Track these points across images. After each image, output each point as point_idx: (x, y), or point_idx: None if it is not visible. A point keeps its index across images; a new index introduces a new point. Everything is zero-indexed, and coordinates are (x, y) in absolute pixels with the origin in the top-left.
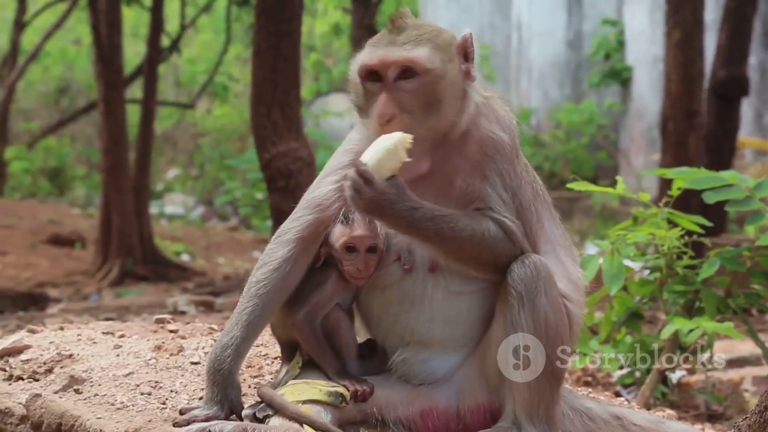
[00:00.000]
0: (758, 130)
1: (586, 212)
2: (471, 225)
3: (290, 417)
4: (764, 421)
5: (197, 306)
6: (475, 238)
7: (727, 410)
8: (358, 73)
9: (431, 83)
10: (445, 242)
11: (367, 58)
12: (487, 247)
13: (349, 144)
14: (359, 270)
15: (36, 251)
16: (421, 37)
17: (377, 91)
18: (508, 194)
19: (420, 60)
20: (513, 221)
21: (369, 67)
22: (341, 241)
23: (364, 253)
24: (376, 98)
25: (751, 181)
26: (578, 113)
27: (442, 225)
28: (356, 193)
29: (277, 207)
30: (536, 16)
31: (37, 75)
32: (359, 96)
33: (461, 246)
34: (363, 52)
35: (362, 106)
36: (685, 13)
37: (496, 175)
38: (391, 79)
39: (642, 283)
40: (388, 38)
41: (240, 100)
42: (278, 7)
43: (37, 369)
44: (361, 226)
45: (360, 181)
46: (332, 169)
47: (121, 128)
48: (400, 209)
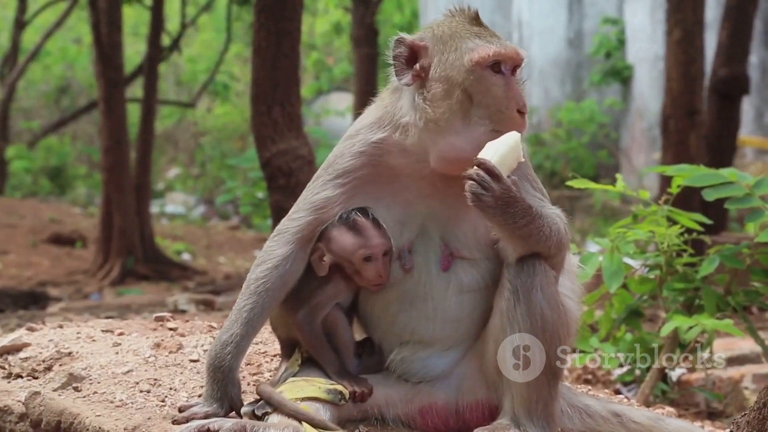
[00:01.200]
0: (759, 129)
1: (587, 211)
2: (553, 222)
3: (289, 414)
4: (763, 417)
5: (198, 305)
6: (557, 234)
7: (727, 408)
8: (486, 60)
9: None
10: (540, 241)
11: (501, 48)
12: (559, 242)
13: (363, 147)
14: (380, 276)
15: (37, 250)
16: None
17: (499, 82)
18: (540, 194)
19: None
20: (561, 212)
21: (504, 57)
22: (359, 253)
23: (381, 259)
24: (495, 89)
25: (751, 179)
26: (579, 112)
27: (545, 221)
28: (484, 192)
29: (277, 205)
30: (537, 15)
31: (38, 74)
32: (475, 85)
33: (547, 243)
34: (482, 43)
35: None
36: (686, 12)
37: (525, 180)
38: (512, 74)
39: (642, 280)
40: (491, 33)
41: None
42: (278, 5)
43: (37, 367)
44: (374, 234)
45: (488, 179)
46: (341, 172)
47: (122, 127)
48: (524, 207)
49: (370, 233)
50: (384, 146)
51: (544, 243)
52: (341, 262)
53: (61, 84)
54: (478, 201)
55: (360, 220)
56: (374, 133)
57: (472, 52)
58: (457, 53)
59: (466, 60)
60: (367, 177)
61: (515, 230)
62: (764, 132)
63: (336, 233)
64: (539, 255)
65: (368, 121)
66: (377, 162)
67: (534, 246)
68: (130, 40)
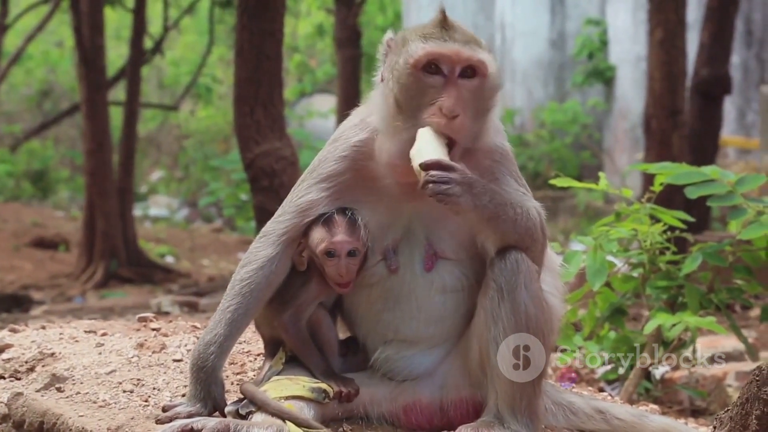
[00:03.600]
0: (741, 129)
1: (570, 212)
2: (524, 205)
3: (273, 413)
4: (746, 413)
5: (181, 306)
6: (524, 216)
7: (711, 405)
8: (420, 62)
9: (489, 88)
10: (508, 220)
11: (437, 48)
12: (529, 228)
13: (345, 150)
14: (341, 275)
15: (20, 254)
16: (476, 40)
17: (436, 84)
18: (523, 189)
19: (488, 63)
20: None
21: (438, 57)
22: (321, 247)
23: (344, 257)
24: (431, 92)
25: (733, 176)
26: (562, 113)
27: (508, 201)
28: (446, 185)
29: (260, 206)
30: (519, 16)
31: (20, 78)
32: (407, 89)
33: (517, 226)
34: (423, 43)
35: (407, 100)
36: (668, 12)
37: (508, 176)
38: (456, 75)
39: (625, 279)
40: (447, 33)
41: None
42: (260, 7)
43: (19, 368)
44: (342, 231)
45: (443, 173)
46: (326, 175)
47: (105, 130)
48: (484, 185)
49: (337, 229)
50: (365, 149)
51: (513, 224)
52: (312, 257)
53: (44, 87)
54: (446, 196)
55: (335, 216)
56: (356, 135)
57: (408, 54)
58: (400, 56)
59: (403, 62)
60: (350, 180)
61: (486, 210)
62: (746, 132)
63: (312, 226)
64: (518, 248)
65: (351, 123)
66: (360, 166)
67: (505, 227)
68: (112, 43)
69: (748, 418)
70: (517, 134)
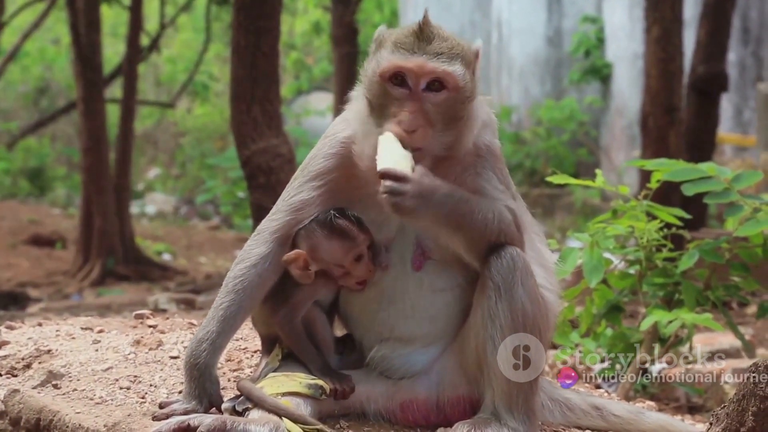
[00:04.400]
0: (738, 126)
1: (567, 209)
2: (490, 206)
3: (269, 410)
4: (742, 409)
5: (178, 304)
6: (495, 219)
7: (707, 402)
8: (386, 73)
9: (458, 101)
10: (474, 226)
11: (402, 60)
12: (502, 230)
13: (333, 147)
14: (370, 270)
15: (16, 252)
16: (453, 50)
17: (400, 96)
18: (503, 187)
19: (455, 76)
20: (516, 207)
21: (402, 70)
22: (350, 256)
23: (366, 255)
24: (396, 103)
25: (729, 173)
26: (559, 110)
27: (473, 206)
28: (400, 198)
29: (257, 204)
30: (516, 14)
31: (16, 75)
32: (378, 95)
33: (486, 230)
34: (389, 53)
35: (376, 105)
36: (664, 10)
37: (491, 171)
38: (421, 88)
39: (622, 275)
40: (418, 45)
41: (220, 99)
42: (257, 4)
43: (16, 365)
44: (358, 233)
45: (397, 185)
46: (316, 173)
47: (101, 128)
48: (441, 196)
49: (355, 233)
50: (359, 146)
51: (482, 231)
52: (329, 268)
53: (40, 85)
54: (399, 208)
55: (341, 222)
56: (343, 131)
57: (377, 63)
58: (372, 63)
59: (371, 69)
60: (341, 178)
61: (448, 218)
62: (743, 129)
63: (321, 241)
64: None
65: (340, 119)
66: (350, 163)
67: (472, 235)
68: (108, 40)
69: (745, 414)
70: (514, 131)
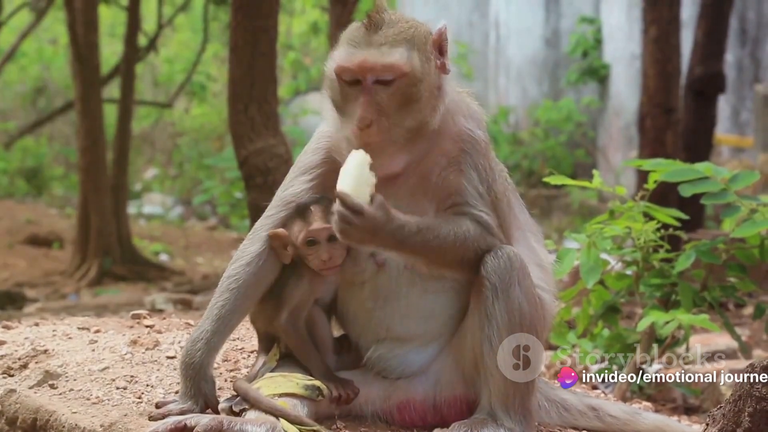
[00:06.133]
0: (735, 127)
1: (564, 210)
2: (453, 230)
3: (265, 410)
4: (738, 410)
5: (175, 304)
6: (458, 242)
7: (704, 403)
8: (336, 73)
9: (409, 85)
10: (430, 252)
11: (345, 61)
12: (469, 248)
13: (319, 142)
14: (324, 261)
15: (14, 252)
16: (398, 36)
17: (354, 92)
18: (484, 187)
19: (398, 64)
20: (489, 214)
21: (346, 71)
22: (301, 237)
23: (325, 243)
24: (352, 99)
25: (726, 173)
26: (556, 111)
27: (428, 236)
28: (348, 226)
29: (254, 204)
30: (514, 14)
31: (14, 75)
32: (336, 93)
33: (445, 253)
34: (340, 51)
35: (339, 104)
36: (662, 10)
37: (472, 169)
38: (370, 83)
39: (619, 276)
40: (365, 37)
41: (218, 100)
42: (255, 4)
43: (12, 364)
44: (318, 218)
45: (349, 214)
46: (305, 168)
47: (99, 128)
48: (390, 230)
49: (313, 217)
50: (336, 141)
51: (442, 255)
52: (295, 249)
53: (38, 85)
54: (345, 235)
55: (310, 205)
56: (328, 126)
57: (332, 62)
58: (329, 61)
59: (327, 69)
60: (329, 172)
61: (400, 248)
62: (740, 130)
63: (289, 219)
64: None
65: (328, 116)
66: (335, 158)
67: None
68: (106, 40)
69: (741, 415)
70: (512, 132)
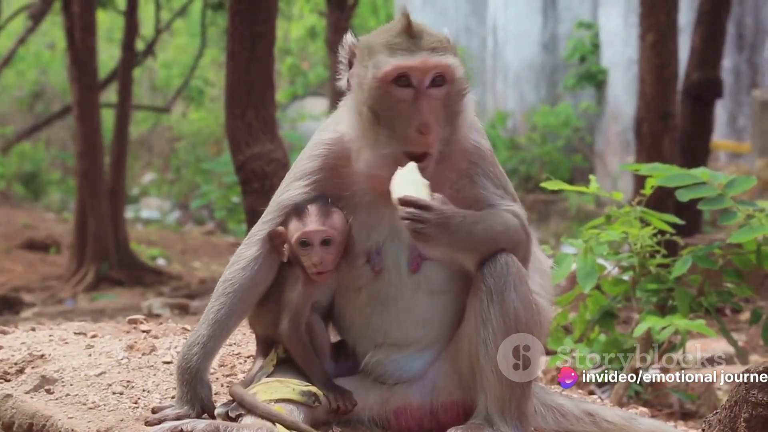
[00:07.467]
0: (732, 133)
1: (562, 215)
2: (497, 219)
3: (261, 416)
4: (734, 415)
5: (172, 309)
6: (505, 230)
7: (701, 408)
8: (389, 76)
9: (458, 93)
10: (487, 243)
11: (403, 61)
12: (511, 237)
13: (317, 149)
14: (315, 264)
15: (11, 256)
16: (443, 43)
17: (406, 97)
18: (501, 190)
19: (454, 67)
20: (520, 209)
21: (408, 70)
22: (295, 237)
23: (318, 246)
24: (402, 105)
25: (723, 178)
26: (554, 116)
27: (485, 224)
28: (422, 225)
29: (251, 209)
30: (512, 19)
31: (12, 79)
32: (378, 101)
33: (497, 242)
34: (383, 57)
35: (381, 112)
36: (659, 16)
37: (485, 178)
38: (425, 86)
39: (615, 281)
40: (413, 42)
41: (215, 104)
42: (252, 9)
43: (8, 369)
44: (314, 220)
45: (419, 212)
46: (302, 173)
47: (96, 132)
48: (457, 223)
49: (309, 219)
50: (335, 148)
51: (493, 243)
52: (291, 248)
53: (35, 89)
54: (420, 236)
55: (307, 205)
56: (327, 134)
57: (375, 68)
58: (365, 69)
59: (371, 76)
60: (327, 179)
61: (465, 242)
62: (737, 136)
63: (288, 219)
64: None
65: (326, 122)
66: (333, 165)
67: (483, 249)
68: (104, 45)
69: (737, 421)
70: (509, 137)
